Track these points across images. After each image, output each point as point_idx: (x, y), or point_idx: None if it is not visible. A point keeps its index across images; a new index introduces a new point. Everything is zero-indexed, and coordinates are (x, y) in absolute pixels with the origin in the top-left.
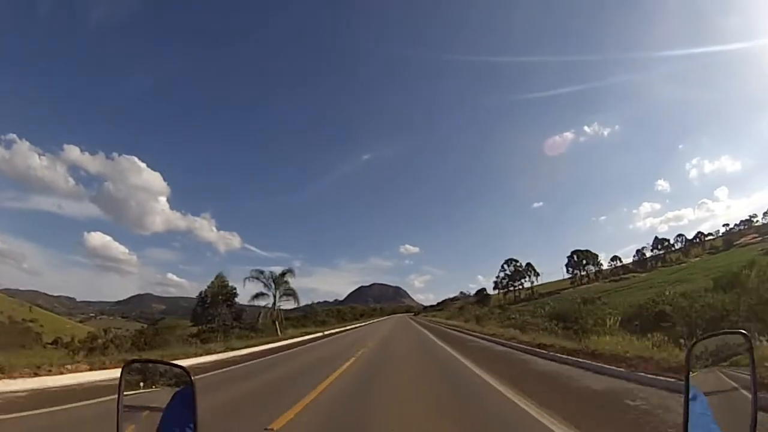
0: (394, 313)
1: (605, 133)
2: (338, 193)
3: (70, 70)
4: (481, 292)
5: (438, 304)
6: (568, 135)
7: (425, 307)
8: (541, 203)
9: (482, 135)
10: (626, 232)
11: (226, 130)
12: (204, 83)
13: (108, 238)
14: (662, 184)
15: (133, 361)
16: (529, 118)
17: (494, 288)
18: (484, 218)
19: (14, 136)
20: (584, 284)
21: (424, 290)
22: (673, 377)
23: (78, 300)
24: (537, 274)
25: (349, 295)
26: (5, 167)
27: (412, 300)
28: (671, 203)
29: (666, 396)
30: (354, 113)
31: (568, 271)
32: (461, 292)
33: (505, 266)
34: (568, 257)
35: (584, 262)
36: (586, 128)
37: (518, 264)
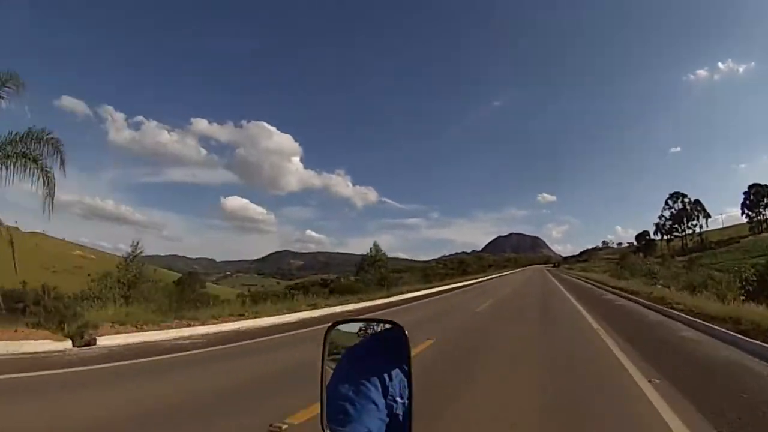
0: (531, 264)
1: (740, 70)
2: (470, 142)
3: (186, 45)
4: (643, 237)
5: (580, 254)
6: (702, 72)
7: (565, 258)
8: (678, 148)
9: (616, 78)
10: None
11: (353, 85)
12: (326, 37)
13: (244, 200)
14: None
15: (337, 323)
16: (664, 56)
17: (655, 232)
18: (621, 165)
19: (141, 117)
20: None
21: (562, 241)
22: None
23: (218, 261)
24: (707, 216)
25: (486, 246)
26: (136, 147)
27: (550, 250)
28: None
29: None
30: (482, 58)
31: (743, 213)
32: (603, 242)
33: (670, 202)
34: (744, 193)
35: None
36: (719, 65)
37: (687, 200)
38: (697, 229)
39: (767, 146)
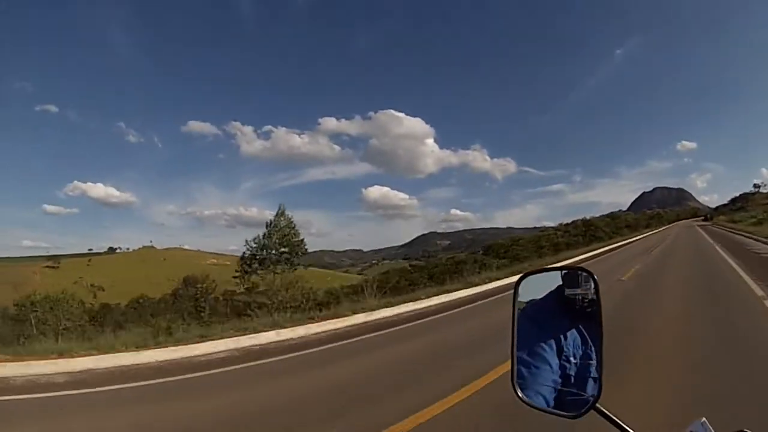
0: (678, 220)
1: None
2: (600, 95)
3: (296, 48)
4: None
5: (732, 202)
6: None
7: (715, 209)
8: None
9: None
10: None
11: (476, 59)
12: (440, 17)
13: (385, 188)
14: None
15: (528, 273)
16: None
17: None
18: (758, 99)
19: (269, 126)
20: None
21: (708, 191)
22: None
23: (365, 250)
24: None
25: (632, 204)
26: (270, 154)
27: (697, 202)
28: None
29: None
30: (603, 7)
31: None
32: (755, 185)
33: None
34: None
35: None
36: None
37: None
38: None
39: None
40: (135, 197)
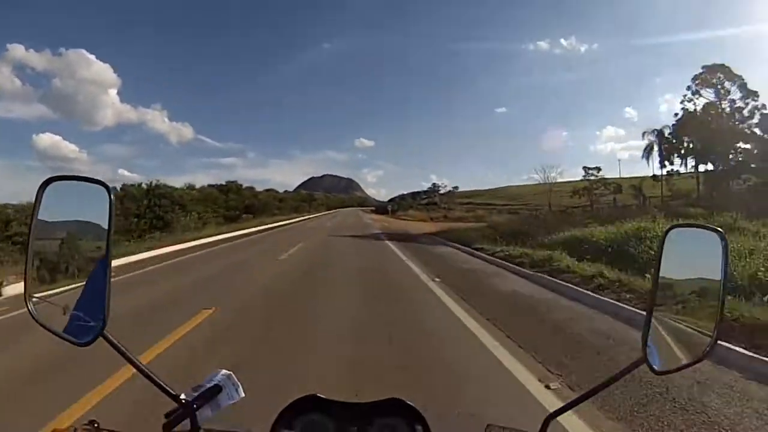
0: (344, 207)
1: (582, 49)
2: (295, 84)
3: None
4: None
5: (412, 195)
6: (543, 44)
7: (391, 200)
8: (504, 109)
9: (447, 35)
10: (586, 152)
11: (177, 16)
12: None
13: (57, 137)
14: (630, 113)
15: (51, 179)
16: (501, 19)
17: None
18: (443, 117)
19: None
20: None
21: (377, 185)
22: None
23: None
24: None
25: (299, 186)
26: None
27: (364, 193)
28: (636, 132)
29: None
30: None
31: None
32: (434, 184)
33: None
34: None
35: None
36: (562, 41)
37: None
38: None
39: (590, 116)
40: None
